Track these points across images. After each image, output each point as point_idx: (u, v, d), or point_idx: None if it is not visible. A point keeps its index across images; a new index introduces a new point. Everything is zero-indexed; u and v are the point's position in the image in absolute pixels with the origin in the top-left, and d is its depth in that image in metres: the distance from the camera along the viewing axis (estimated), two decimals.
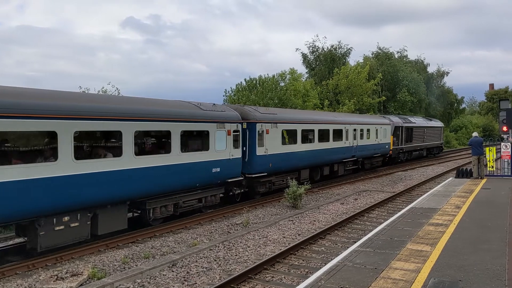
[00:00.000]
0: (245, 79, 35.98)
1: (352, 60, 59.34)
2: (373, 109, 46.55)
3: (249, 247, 11.73)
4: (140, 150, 12.53)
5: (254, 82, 35.05)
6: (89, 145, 11.37)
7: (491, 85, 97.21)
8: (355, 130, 26.38)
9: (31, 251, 10.42)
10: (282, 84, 36.44)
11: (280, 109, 23.66)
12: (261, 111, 18.95)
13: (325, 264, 8.18)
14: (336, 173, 25.33)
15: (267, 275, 9.43)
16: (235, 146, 16.36)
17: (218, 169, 15.40)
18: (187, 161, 13.90)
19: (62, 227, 10.49)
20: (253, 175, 17.58)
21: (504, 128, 23.00)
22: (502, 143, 21.63)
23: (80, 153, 10.67)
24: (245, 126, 17.11)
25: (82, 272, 9.51)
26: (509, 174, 20.78)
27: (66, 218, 10.54)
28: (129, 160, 11.76)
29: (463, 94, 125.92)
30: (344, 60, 49.36)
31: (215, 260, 10.53)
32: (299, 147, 20.51)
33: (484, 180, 19.53)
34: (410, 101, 54.15)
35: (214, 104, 16.47)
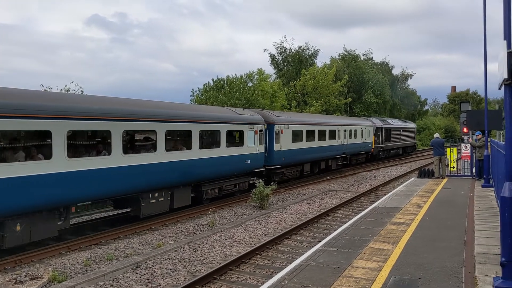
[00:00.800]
0: (212, 79, 35.91)
1: (319, 62, 60.22)
2: (340, 110, 47.25)
3: (215, 248, 11.70)
4: (202, 145, 16.31)
5: (222, 82, 35.00)
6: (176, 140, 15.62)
7: (453, 88, 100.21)
8: (345, 130, 30.53)
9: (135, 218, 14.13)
10: (250, 84, 36.52)
11: (289, 113, 28.30)
12: (277, 114, 22.83)
13: (289, 264, 8.23)
14: (330, 167, 29.21)
15: (232, 276, 9.43)
16: (260, 143, 20.21)
17: (249, 161, 19.30)
18: (230, 154, 17.87)
19: (154, 200, 14.17)
20: (272, 167, 21.51)
21: (465, 130, 23.73)
22: (462, 144, 22.32)
23: (169, 147, 14.68)
24: (265, 127, 20.79)
25: (42, 275, 9.27)
26: (469, 174, 21.44)
27: (156, 194, 14.20)
28: (195, 153, 15.77)
29: (427, 96, 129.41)
30: (311, 62, 49.93)
31: (180, 262, 10.45)
32: (304, 144, 24.62)
33: (445, 180, 20.10)
34: (376, 103, 55.25)
35: (243, 109, 20.62)
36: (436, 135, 21.88)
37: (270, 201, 17.88)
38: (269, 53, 51.38)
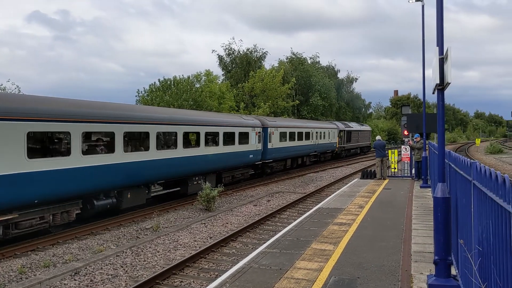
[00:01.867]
0: (159, 80, 35.27)
1: (268, 64, 60.67)
2: (287, 112, 47.84)
3: (158, 252, 11.47)
4: (224, 143, 21.53)
5: (169, 82, 34.47)
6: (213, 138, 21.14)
7: (396, 92, 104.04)
8: (317, 132, 36.68)
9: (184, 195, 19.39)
10: (197, 85, 36.21)
11: (277, 118, 34.18)
12: (269, 119, 28.76)
13: (232, 266, 8.20)
14: (305, 163, 35.57)
15: (175, 280, 9.28)
16: (259, 141, 25.70)
17: (252, 156, 24.80)
18: (241, 150, 23.45)
19: (195, 182, 19.36)
20: (266, 161, 27.17)
21: (405, 132, 24.65)
22: (402, 146, 23.18)
23: (207, 144, 20.44)
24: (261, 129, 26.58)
25: None
26: (409, 175, 22.30)
27: (196, 178, 19.52)
28: (221, 148, 21.28)
29: (371, 100, 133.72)
30: (259, 64, 50.24)
31: (122, 267, 10.17)
32: (288, 143, 30.25)
33: (386, 181, 20.79)
34: (322, 105, 56.40)
35: (246, 115, 27.92)
36: (378, 137, 22.59)
37: (216, 204, 17.78)
38: (217, 54, 51.27)
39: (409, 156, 22.32)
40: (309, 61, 61.27)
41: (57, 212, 12.50)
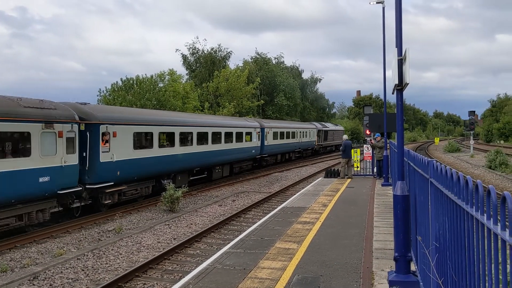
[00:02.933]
0: (121, 79, 34.58)
1: (232, 64, 60.64)
2: (252, 112, 47.93)
3: (121, 254, 11.27)
4: (236, 140, 27.63)
5: (131, 82, 33.84)
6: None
7: (358, 92, 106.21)
8: (300, 132, 42.75)
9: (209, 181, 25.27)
10: (161, 85, 35.74)
11: (271, 120, 39.98)
12: (265, 122, 34.46)
13: (196, 267, 8.13)
14: (291, 158, 41.62)
15: (138, 282, 9.13)
16: (258, 139, 31.57)
17: (254, 151, 30.92)
18: (247, 146, 29.59)
19: (217, 171, 25.63)
20: (263, 155, 32.91)
21: (368, 132, 25.13)
22: (365, 145, 23.62)
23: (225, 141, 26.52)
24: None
25: None
26: (371, 173, 22.74)
27: (218, 168, 25.62)
28: (234, 144, 27.27)
29: (334, 100, 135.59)
30: (224, 63, 50.14)
31: (83, 270, 9.93)
32: (279, 141, 36.28)
33: (349, 180, 21.11)
34: (287, 105, 56.81)
35: (250, 118, 34.85)
36: (345, 137, 22.90)
37: (181, 204, 17.63)
38: (181, 53, 50.84)
39: (371, 155, 22.76)
40: (273, 61, 61.60)
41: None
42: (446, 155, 52.42)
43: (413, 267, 6.56)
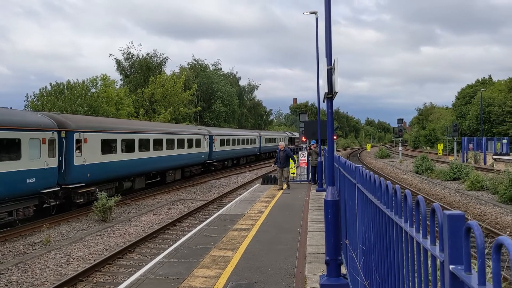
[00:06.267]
0: (50, 84, 33.02)
1: (169, 70, 59.95)
2: (189, 118, 47.50)
3: (48, 267, 10.72)
4: (244, 143, 44.35)
5: (62, 87, 32.43)
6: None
7: (295, 100, 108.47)
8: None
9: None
10: (93, 90, 34.54)
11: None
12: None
13: (127, 279, 7.88)
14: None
15: None
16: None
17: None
18: (251, 147, 47.22)
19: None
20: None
21: (304, 138, 25.64)
22: (300, 152, 24.09)
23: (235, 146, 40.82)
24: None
25: None
26: (306, 179, 23.21)
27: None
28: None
29: (272, 107, 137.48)
30: (160, 69, 49.39)
31: (7, 285, 9.35)
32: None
33: (285, 186, 21.38)
34: (224, 112, 56.84)
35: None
36: (282, 143, 23.19)
37: (114, 214, 17.08)
38: (115, 58, 49.49)
39: (306, 161, 23.23)
40: (211, 68, 61.51)
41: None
42: (377, 160, 54.69)
43: (344, 270, 6.74)
